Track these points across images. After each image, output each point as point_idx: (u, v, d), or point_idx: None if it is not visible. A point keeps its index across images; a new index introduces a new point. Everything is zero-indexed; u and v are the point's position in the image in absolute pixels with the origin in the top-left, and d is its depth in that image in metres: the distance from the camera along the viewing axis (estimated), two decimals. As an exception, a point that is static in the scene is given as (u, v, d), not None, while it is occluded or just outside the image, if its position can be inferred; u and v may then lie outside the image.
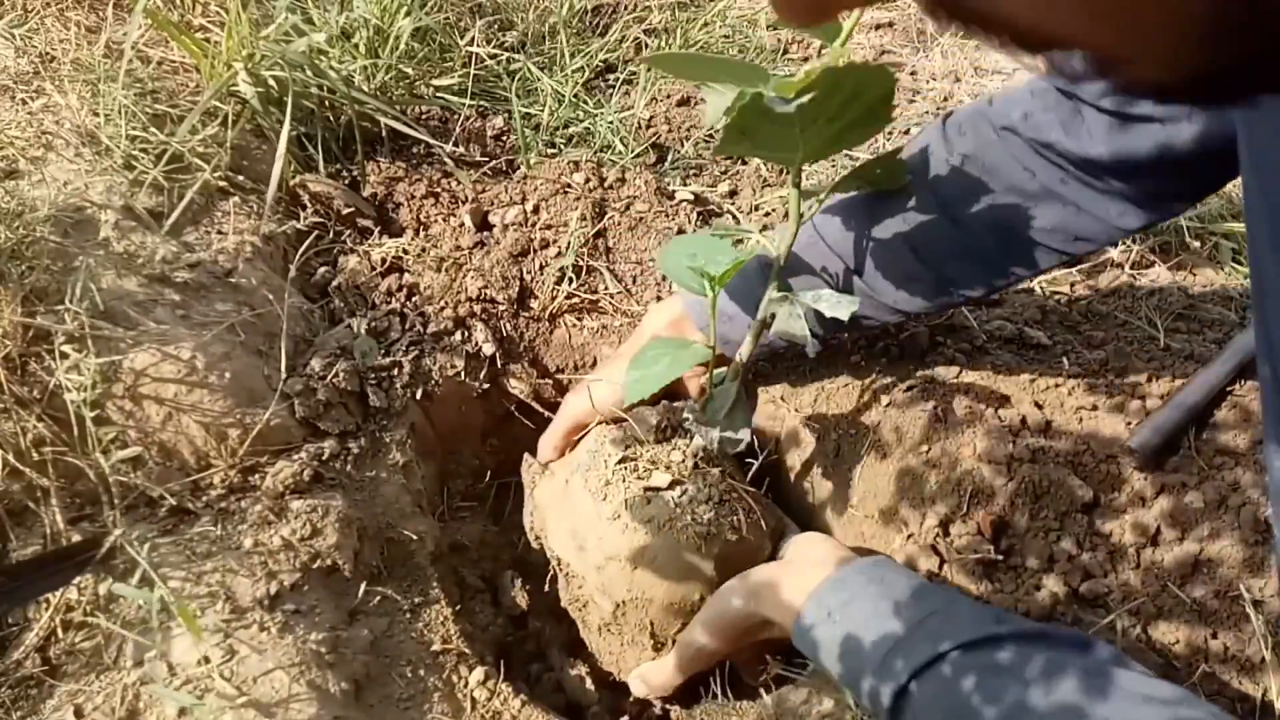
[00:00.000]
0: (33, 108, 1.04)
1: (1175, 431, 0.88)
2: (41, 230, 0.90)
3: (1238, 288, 1.16)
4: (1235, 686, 0.75)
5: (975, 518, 0.87)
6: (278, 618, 0.78)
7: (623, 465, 0.86)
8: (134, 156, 1.02)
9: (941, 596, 0.71)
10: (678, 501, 0.83)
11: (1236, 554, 0.80)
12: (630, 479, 0.85)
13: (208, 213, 1.05)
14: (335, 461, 0.93)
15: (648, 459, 0.87)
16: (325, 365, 0.96)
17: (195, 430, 0.86)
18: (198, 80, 1.18)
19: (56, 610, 0.76)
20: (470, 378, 1.07)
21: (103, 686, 0.73)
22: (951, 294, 0.88)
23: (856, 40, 1.66)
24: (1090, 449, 0.89)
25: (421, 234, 1.17)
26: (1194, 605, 0.79)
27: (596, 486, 0.86)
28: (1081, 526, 0.85)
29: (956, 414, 0.93)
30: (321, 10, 1.24)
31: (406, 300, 1.09)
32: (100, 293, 0.87)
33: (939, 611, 0.68)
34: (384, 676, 0.81)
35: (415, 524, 0.94)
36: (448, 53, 1.36)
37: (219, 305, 0.95)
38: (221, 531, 0.83)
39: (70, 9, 1.21)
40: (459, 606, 0.93)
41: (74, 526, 0.79)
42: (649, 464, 0.86)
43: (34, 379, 0.82)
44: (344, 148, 1.21)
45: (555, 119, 1.33)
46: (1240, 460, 0.87)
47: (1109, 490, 0.87)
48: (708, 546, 0.83)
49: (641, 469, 0.86)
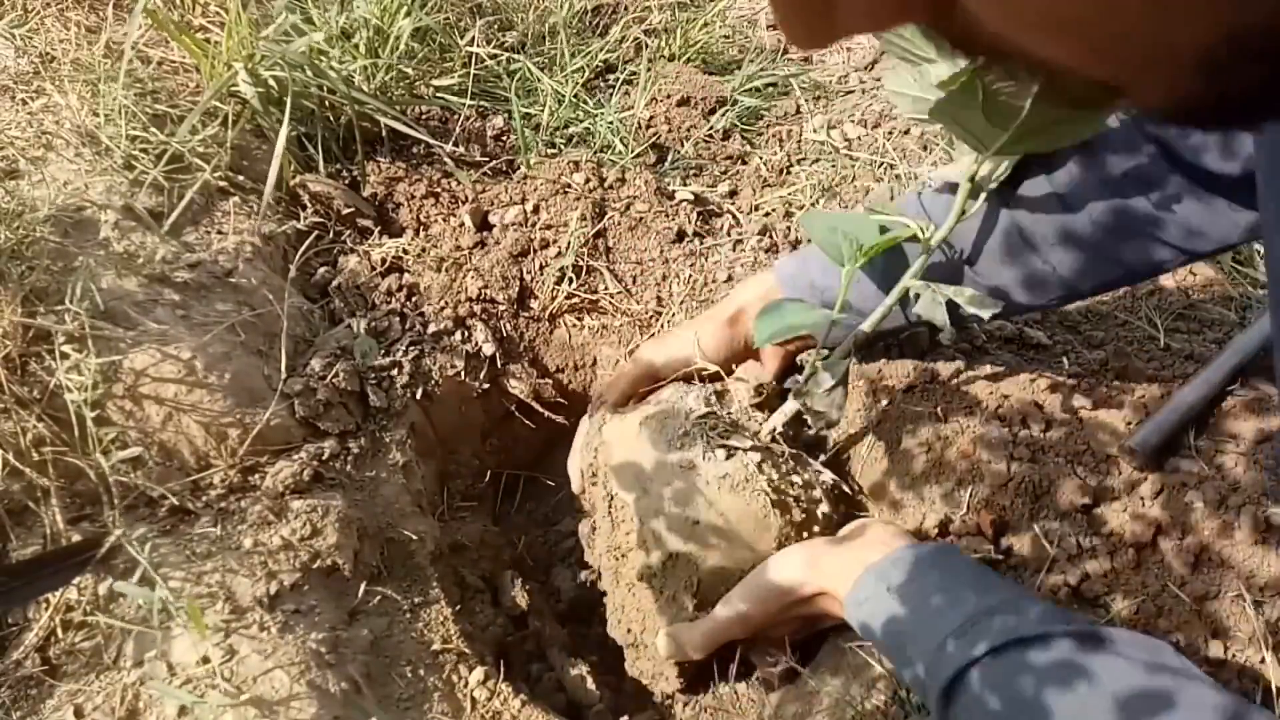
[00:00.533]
0: (33, 108, 1.04)
1: (1175, 431, 0.88)
2: (41, 230, 0.90)
3: (1238, 288, 1.16)
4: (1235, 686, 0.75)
5: (975, 517, 0.87)
6: (278, 617, 0.78)
7: (704, 421, 0.86)
8: (134, 156, 1.02)
9: (1007, 589, 0.70)
10: (757, 464, 0.83)
11: (1236, 554, 0.80)
12: (712, 436, 0.85)
13: (208, 213, 1.05)
14: (335, 461, 0.93)
15: (729, 420, 0.87)
16: (325, 365, 0.96)
17: (195, 430, 0.86)
18: (198, 80, 1.18)
19: (56, 610, 0.76)
20: (470, 378, 1.07)
21: (103, 686, 0.73)
22: (1061, 287, 0.84)
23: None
24: (1090, 449, 0.89)
25: (421, 234, 1.17)
26: (1194, 605, 0.78)
27: (675, 435, 0.86)
28: (1081, 526, 0.85)
29: (957, 413, 0.93)
30: (321, 10, 1.24)
31: (406, 300, 1.10)
32: (100, 293, 0.87)
33: (1005, 604, 0.67)
34: (384, 676, 0.81)
35: (415, 524, 0.94)
36: (448, 53, 1.36)
37: (219, 305, 0.95)
38: (221, 531, 0.83)
39: (70, 9, 1.21)
40: (459, 606, 0.93)
41: (74, 526, 0.79)
42: (729, 425, 0.86)
43: (34, 379, 0.82)
44: (344, 148, 1.21)
45: (555, 119, 1.33)
46: (1240, 460, 0.87)
47: (1109, 490, 0.87)
48: (776, 516, 0.82)
49: (723, 428, 0.86)
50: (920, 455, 0.92)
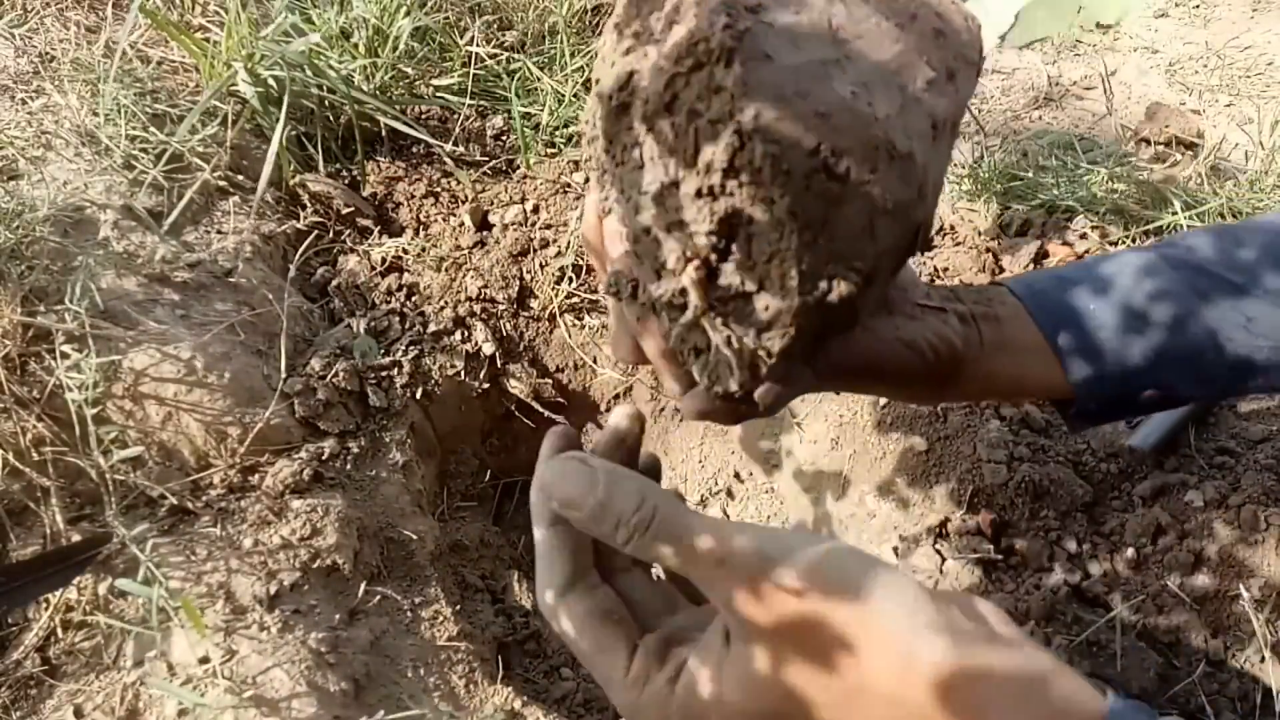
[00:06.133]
0: (33, 108, 1.04)
1: (1175, 431, 0.88)
2: (41, 230, 0.90)
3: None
4: (1235, 686, 0.75)
5: (975, 517, 0.87)
6: (278, 617, 0.78)
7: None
8: (134, 156, 1.02)
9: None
10: None
11: (1236, 554, 0.80)
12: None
13: (207, 212, 1.05)
14: (335, 461, 0.93)
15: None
16: (325, 365, 0.96)
17: (195, 430, 0.86)
18: (197, 80, 1.18)
19: (56, 610, 0.76)
20: (470, 377, 1.07)
21: (103, 686, 0.73)
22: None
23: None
24: (1090, 449, 0.89)
25: (421, 234, 1.17)
26: (1194, 604, 0.79)
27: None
28: (1081, 526, 0.85)
29: (957, 414, 0.93)
30: (321, 10, 1.24)
31: (406, 300, 1.10)
32: (100, 292, 0.87)
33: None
34: (384, 676, 0.81)
35: (415, 524, 0.94)
36: (447, 52, 1.36)
37: (219, 305, 0.95)
38: (221, 531, 0.83)
39: (70, 9, 1.21)
40: (459, 606, 0.93)
41: (74, 526, 0.79)
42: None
43: (34, 379, 0.82)
44: (344, 147, 1.21)
45: (555, 119, 1.33)
46: (1240, 460, 0.87)
47: (1109, 490, 0.87)
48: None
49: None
50: (920, 455, 0.92)
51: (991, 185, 1.24)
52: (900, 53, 0.36)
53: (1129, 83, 1.66)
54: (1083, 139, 1.45)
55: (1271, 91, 1.65)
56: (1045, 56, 1.75)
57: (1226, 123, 1.54)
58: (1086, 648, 0.78)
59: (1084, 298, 0.51)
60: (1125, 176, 1.28)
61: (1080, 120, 1.56)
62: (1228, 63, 1.74)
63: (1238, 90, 1.66)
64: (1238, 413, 0.90)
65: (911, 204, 0.35)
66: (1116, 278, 0.51)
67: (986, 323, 0.50)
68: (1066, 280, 0.52)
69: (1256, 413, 0.90)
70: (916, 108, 0.35)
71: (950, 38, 0.38)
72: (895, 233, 0.36)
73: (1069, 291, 0.51)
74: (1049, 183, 1.27)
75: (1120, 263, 0.52)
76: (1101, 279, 0.52)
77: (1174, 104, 1.57)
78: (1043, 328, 0.50)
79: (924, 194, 0.37)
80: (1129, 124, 1.50)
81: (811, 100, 0.32)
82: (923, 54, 0.36)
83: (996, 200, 1.23)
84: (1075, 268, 0.53)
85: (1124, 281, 0.51)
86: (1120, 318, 0.50)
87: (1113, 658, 0.77)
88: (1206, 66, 1.73)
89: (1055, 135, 1.42)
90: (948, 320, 0.48)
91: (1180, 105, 1.58)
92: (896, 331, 0.46)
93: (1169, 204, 1.21)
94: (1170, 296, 0.50)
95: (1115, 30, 1.89)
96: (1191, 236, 0.53)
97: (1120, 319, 0.50)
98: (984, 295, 0.51)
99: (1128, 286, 0.51)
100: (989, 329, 0.50)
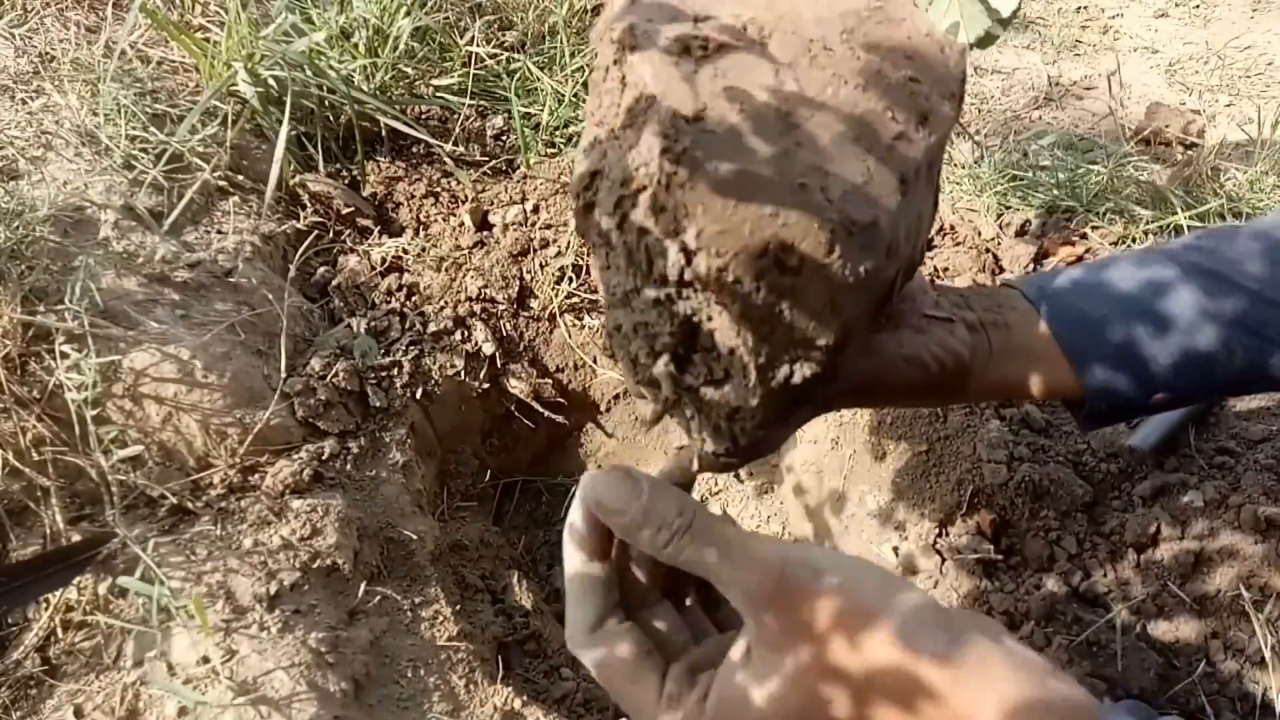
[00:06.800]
0: (33, 108, 1.04)
1: (1175, 431, 0.88)
2: (41, 230, 0.90)
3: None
4: (1235, 686, 0.75)
5: (975, 518, 0.87)
6: (278, 617, 0.78)
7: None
8: (134, 156, 1.02)
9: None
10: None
11: (1236, 554, 0.80)
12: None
13: (207, 212, 1.05)
14: (335, 461, 0.93)
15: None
16: (325, 365, 0.96)
17: (195, 430, 0.86)
18: (197, 80, 1.18)
19: (56, 610, 0.76)
20: (470, 377, 1.07)
21: (103, 686, 0.73)
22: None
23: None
24: (1090, 449, 0.89)
25: (421, 234, 1.17)
26: (1194, 604, 0.79)
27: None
28: (1081, 526, 0.85)
29: (957, 414, 0.93)
30: (321, 10, 1.24)
31: (406, 300, 1.09)
32: (100, 292, 0.87)
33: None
34: (384, 676, 0.81)
35: (415, 524, 0.94)
36: (447, 52, 1.36)
37: (219, 305, 0.95)
38: (221, 531, 0.83)
39: (70, 9, 1.21)
40: (459, 606, 0.93)
41: (74, 526, 0.79)
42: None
43: (34, 379, 0.82)
44: (344, 147, 1.21)
45: (555, 119, 1.33)
46: (1240, 460, 0.87)
47: (1109, 490, 0.87)
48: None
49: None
50: (920, 455, 0.92)
51: (991, 185, 1.24)
52: (862, 115, 0.35)
53: (1129, 83, 1.66)
54: (1083, 139, 1.45)
55: (1271, 91, 1.65)
56: (1045, 56, 1.76)
57: (1226, 123, 1.54)
58: (1086, 648, 0.78)
59: (1097, 303, 0.51)
60: (1125, 176, 1.28)
61: (1080, 120, 1.56)
62: (1228, 63, 1.74)
63: (1238, 90, 1.66)
64: (1238, 413, 0.90)
65: (878, 268, 0.35)
66: (1128, 283, 0.52)
67: (996, 330, 0.50)
68: (1080, 284, 0.52)
69: (1256, 413, 0.90)
70: (881, 169, 0.35)
71: (924, 79, 0.37)
72: (862, 300, 0.36)
73: (1083, 296, 0.51)
74: (1049, 183, 1.27)
75: (1131, 266, 0.52)
76: (1113, 283, 0.52)
77: (1174, 104, 1.57)
78: (1058, 334, 0.51)
79: (894, 251, 0.36)
80: (1129, 124, 1.50)
81: (758, 201, 0.33)
82: (889, 109, 0.36)
83: (996, 200, 1.23)
84: (1087, 270, 0.53)
85: (1137, 287, 0.51)
86: (1135, 323, 0.50)
87: (1113, 658, 0.77)
88: (1206, 66, 1.74)
89: (1055, 135, 1.42)
90: (955, 330, 0.48)
91: (1180, 105, 1.58)
92: (900, 349, 0.46)
93: (1169, 204, 1.21)
94: (1184, 302, 0.50)
95: (1115, 30, 1.89)
96: (1198, 239, 0.53)
97: (1135, 325, 0.50)
98: (994, 301, 0.51)
99: (1141, 292, 0.51)
100: (998, 336, 0.50)
